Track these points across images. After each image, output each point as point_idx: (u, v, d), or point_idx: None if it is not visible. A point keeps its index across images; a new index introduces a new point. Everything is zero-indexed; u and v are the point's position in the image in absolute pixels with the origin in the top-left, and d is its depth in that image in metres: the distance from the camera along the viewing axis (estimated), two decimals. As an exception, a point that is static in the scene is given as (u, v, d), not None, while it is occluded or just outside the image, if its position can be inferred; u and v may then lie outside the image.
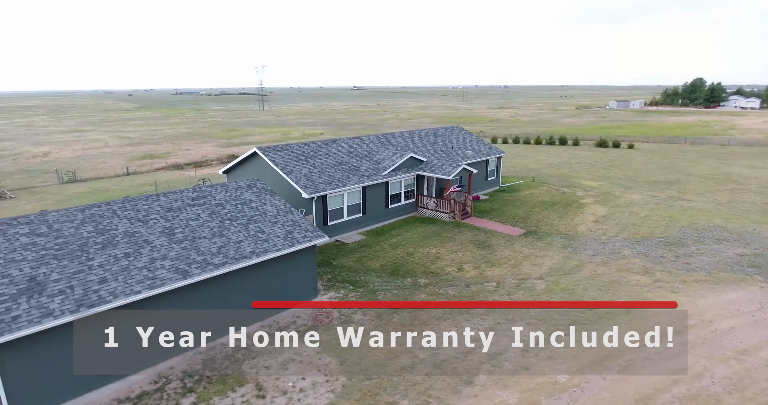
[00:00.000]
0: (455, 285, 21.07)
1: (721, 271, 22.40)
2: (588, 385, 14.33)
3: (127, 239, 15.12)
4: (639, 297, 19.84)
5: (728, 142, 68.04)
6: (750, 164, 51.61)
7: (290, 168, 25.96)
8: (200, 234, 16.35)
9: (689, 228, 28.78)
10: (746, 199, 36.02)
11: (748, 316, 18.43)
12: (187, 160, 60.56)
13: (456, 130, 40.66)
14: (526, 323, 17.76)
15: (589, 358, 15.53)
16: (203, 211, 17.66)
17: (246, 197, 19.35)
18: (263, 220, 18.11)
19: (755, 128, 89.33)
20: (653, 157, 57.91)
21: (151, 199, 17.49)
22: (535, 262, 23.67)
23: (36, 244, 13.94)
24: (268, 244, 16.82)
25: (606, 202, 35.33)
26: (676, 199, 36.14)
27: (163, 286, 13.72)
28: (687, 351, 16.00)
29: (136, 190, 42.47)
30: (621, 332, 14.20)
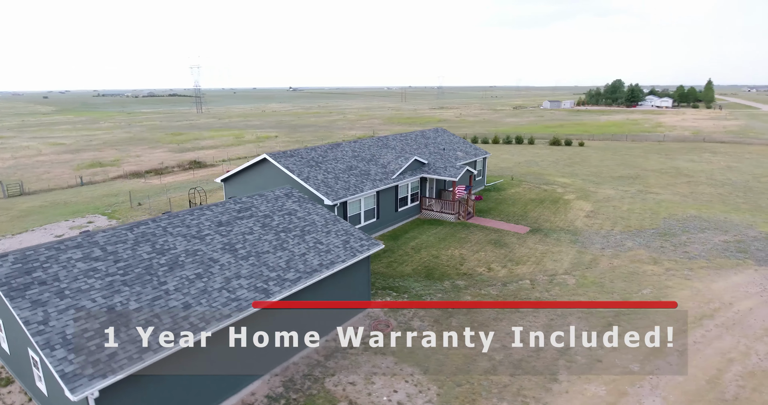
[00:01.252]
0: (493, 285, 21.49)
1: (717, 257, 24.69)
2: (659, 370, 15.26)
3: (191, 259, 13.92)
4: (661, 286, 21.35)
5: (663, 138, 74.81)
6: (690, 159, 57.12)
7: (306, 174, 25.11)
8: (262, 248, 15.42)
9: (671, 219, 31.38)
10: (703, 191, 39.87)
11: (758, 296, 20.48)
12: (143, 167, 56.38)
13: (440, 132, 41.32)
14: (577, 318, 18.53)
15: (649, 345, 16.52)
16: (254, 223, 16.66)
17: (289, 207, 18.50)
18: (316, 231, 17.41)
19: (679, 125, 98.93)
20: (605, 154, 62.33)
21: (196, 214, 16.21)
22: (554, 258, 24.71)
23: (97, 269, 12.46)
24: (331, 256, 16.21)
25: (587, 198, 37.57)
26: (645, 193, 39.21)
27: (248, 307, 12.81)
28: (725, 333, 17.50)
29: (102, 201, 38.94)
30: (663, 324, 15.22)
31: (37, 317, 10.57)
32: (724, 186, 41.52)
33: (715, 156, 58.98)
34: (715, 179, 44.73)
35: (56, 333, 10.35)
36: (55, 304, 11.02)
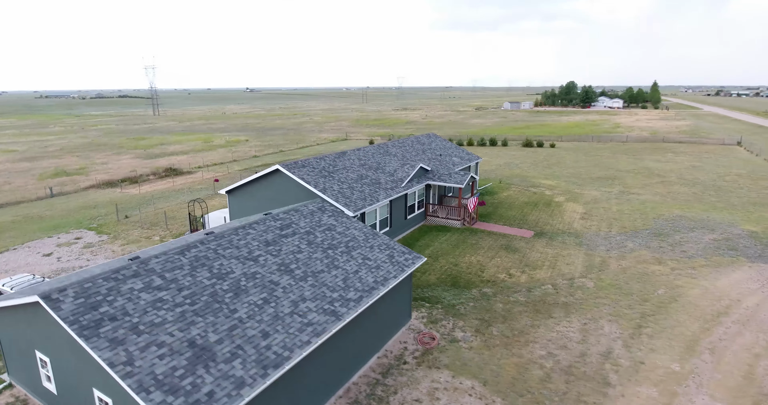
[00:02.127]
0: (518, 291, 21.98)
1: (712, 255, 26.36)
2: (698, 369, 16.14)
3: (252, 282, 13.43)
4: (672, 286, 22.56)
5: (626, 139, 78.80)
6: (656, 159, 60.51)
7: (322, 185, 24.70)
8: (316, 267, 15.08)
9: (660, 219, 33.17)
10: (679, 191, 42.38)
11: (760, 292, 22.04)
12: (114, 175, 53.47)
13: (433, 137, 41.74)
14: (607, 321, 19.29)
15: (681, 345, 17.46)
16: (299, 241, 16.26)
17: (327, 222, 18.17)
18: (360, 246, 17.21)
19: (636, 126, 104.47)
20: (577, 155, 64.94)
21: (241, 233, 15.64)
22: (566, 261, 25.56)
23: (164, 300, 11.79)
24: (382, 272, 16.08)
25: (576, 200, 39.06)
26: (628, 194, 41.22)
27: (325, 332, 12.51)
28: (744, 329, 18.74)
29: (81, 214, 36.63)
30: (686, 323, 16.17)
31: (121, 357, 9.89)
32: (695, 185, 44.29)
33: (678, 156, 62.78)
34: (685, 179, 47.62)
35: (146, 373, 9.72)
36: (134, 342, 10.34)
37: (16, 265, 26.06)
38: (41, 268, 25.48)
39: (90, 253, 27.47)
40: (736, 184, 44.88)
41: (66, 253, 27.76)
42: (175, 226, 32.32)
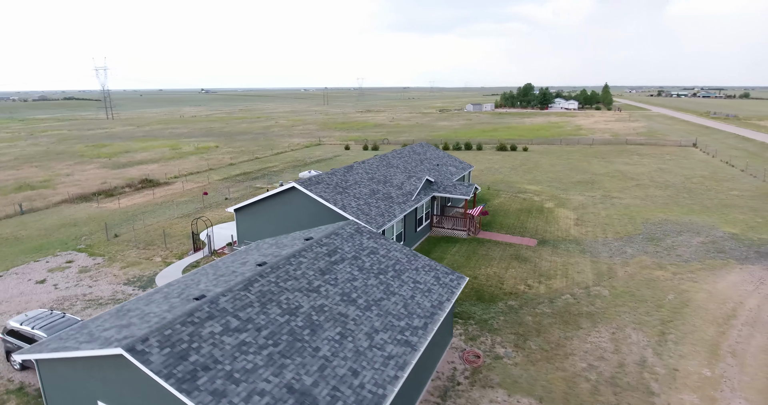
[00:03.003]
0: (541, 302, 22.69)
1: (705, 258, 28.20)
2: (727, 373, 17.29)
3: (323, 316, 13.23)
4: (679, 290, 23.96)
5: (592, 142, 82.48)
6: (624, 161, 63.77)
7: (340, 203, 24.50)
8: (375, 295, 15.02)
9: (648, 223, 35.07)
10: (655, 194, 44.92)
11: (756, 293, 23.82)
12: (85, 188, 50.55)
13: (426, 146, 42.18)
14: (632, 329, 20.28)
15: (704, 349, 18.64)
16: (350, 267, 16.13)
17: (368, 245, 18.10)
18: (407, 269, 17.26)
19: (597, 128, 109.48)
20: (551, 158, 67.37)
21: (294, 262, 15.34)
22: (576, 270, 26.60)
23: (247, 343, 11.42)
24: (434, 295, 16.21)
25: (564, 205, 40.61)
26: (610, 198, 43.27)
27: (407, 365, 12.50)
28: (755, 331, 20.22)
29: (63, 233, 34.44)
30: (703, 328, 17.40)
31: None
32: (668, 188, 47.07)
33: (643, 158, 66.42)
34: (657, 181, 50.50)
35: (259, 425, 9.42)
36: (236, 392, 9.98)
37: (8, 295, 24.21)
38: (39, 297, 23.82)
39: (89, 279, 25.92)
40: (703, 186, 48.06)
41: (61, 279, 26.05)
42: (173, 245, 31.00)
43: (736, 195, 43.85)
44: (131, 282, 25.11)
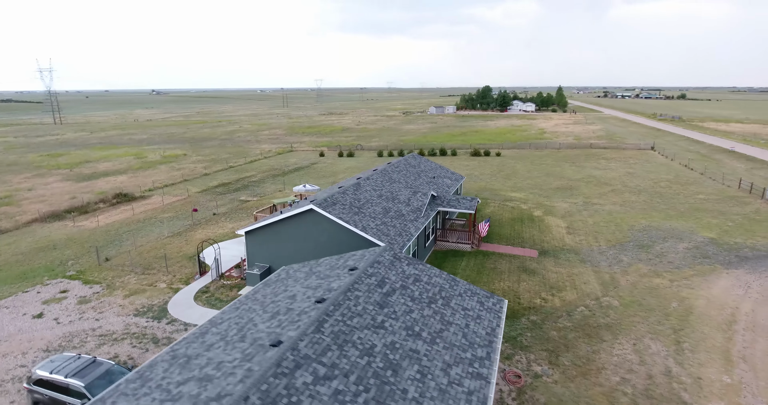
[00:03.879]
0: (560, 316, 23.60)
1: (694, 264, 30.20)
2: (744, 380, 18.69)
3: (398, 354, 13.27)
4: (680, 298, 25.56)
5: (559, 146, 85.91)
6: (594, 166, 66.92)
7: (360, 224, 24.44)
8: (434, 326, 15.20)
9: (634, 230, 37.08)
10: (631, 199, 47.47)
11: (747, 298, 25.80)
12: (54, 205, 47.46)
13: (418, 158, 42.63)
14: (649, 339, 21.50)
15: (718, 356, 20.05)
16: (402, 298, 16.22)
17: (410, 272, 18.23)
18: (452, 295, 17.54)
19: (559, 131, 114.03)
20: (525, 164, 69.63)
21: (351, 297, 15.26)
22: (582, 281, 27.81)
23: (341, 391, 11.29)
24: (485, 321, 16.57)
25: (552, 213, 42.22)
26: (591, 205, 45.36)
27: (486, 399, 12.74)
28: (756, 336, 21.95)
29: (44, 258, 32.29)
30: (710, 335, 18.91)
31: (347, 464, 9.45)
32: (641, 193, 49.86)
33: (609, 162, 69.94)
34: (629, 186, 53.38)
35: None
36: (349, 443, 9.91)
37: (4, 333, 22.48)
38: (42, 334, 22.28)
39: (93, 311, 24.49)
40: (671, 190, 51.26)
41: (61, 312, 24.46)
42: (174, 268, 29.77)
43: (703, 199, 47.09)
44: (142, 313, 23.94)
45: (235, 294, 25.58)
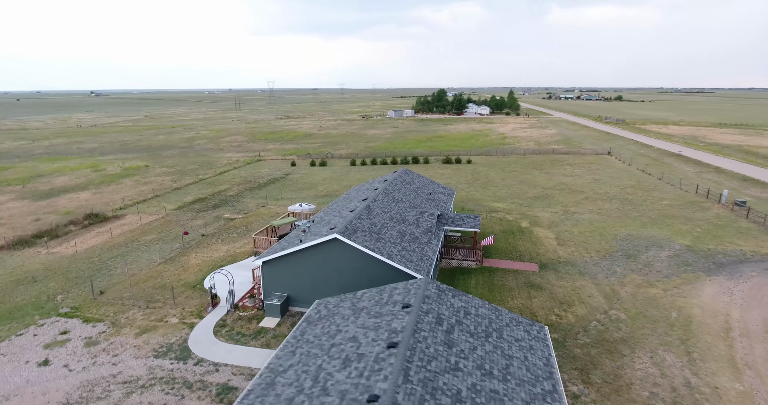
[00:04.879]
0: (578, 332, 24.87)
1: (680, 273, 32.64)
2: (753, 386, 20.59)
3: (483, 397, 13.64)
4: (677, 307, 27.62)
5: (524, 152, 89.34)
6: (561, 173, 70.21)
7: (386, 252, 24.56)
8: (500, 362, 15.71)
9: (618, 240, 39.44)
10: (605, 207, 50.34)
11: (733, 304, 28.28)
12: (16, 228, 43.93)
13: (410, 174, 43.12)
14: (663, 351, 23.14)
15: (726, 365, 21.94)
16: (463, 335, 16.63)
17: (458, 305, 18.67)
18: (502, 326, 18.13)
19: (518, 136, 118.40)
20: (496, 172, 71.85)
21: (422, 340, 15.48)
22: (587, 294, 29.36)
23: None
24: (537, 352, 17.28)
25: (538, 224, 44.05)
26: (571, 214, 47.70)
27: (568, 432, 13.43)
28: (751, 342, 24.16)
29: (27, 293, 30.04)
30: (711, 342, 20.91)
31: None
32: (612, 201, 52.97)
33: (574, 168, 73.65)
34: (599, 193, 56.54)
35: None
36: None
37: (11, 387, 20.71)
38: (55, 385, 20.75)
39: (106, 354, 23.07)
40: (637, 196, 54.84)
41: (69, 357, 22.84)
42: (181, 299, 28.52)
43: (668, 205, 50.77)
44: (162, 353, 22.84)
45: (256, 326, 24.97)
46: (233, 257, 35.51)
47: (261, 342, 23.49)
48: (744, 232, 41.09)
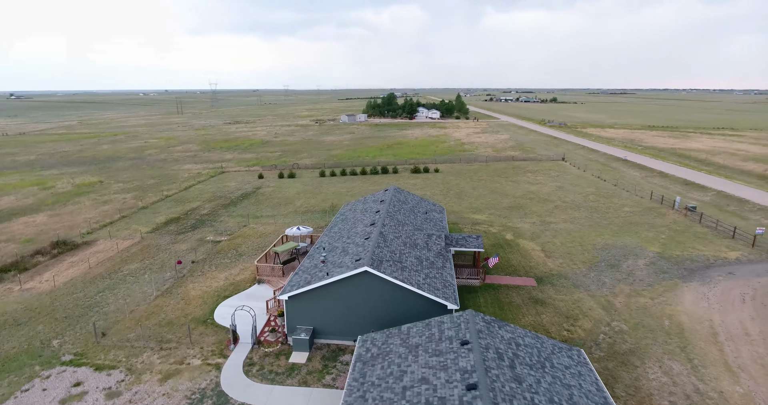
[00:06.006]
0: (590, 346, 26.79)
1: (660, 281, 35.80)
2: (751, 388, 23.30)
3: (565, 431, 14.74)
4: (666, 315, 30.39)
5: (486, 160, 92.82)
6: (526, 180, 73.79)
7: (414, 282, 25.18)
8: (563, 393, 16.87)
9: (597, 250, 42.40)
10: (575, 215, 53.76)
11: (711, 309, 31.52)
12: (-23, 264, 39.90)
13: (402, 192, 43.86)
14: (668, 359, 25.51)
15: (722, 369, 24.60)
16: (525, 368, 17.66)
17: (505, 336, 19.68)
18: (548, 354, 19.36)
19: (474, 142, 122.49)
20: (465, 180, 74.21)
21: (492, 376, 16.33)
22: (587, 307, 31.55)
23: None
24: (585, 376, 18.67)
25: (521, 236, 46.34)
26: (547, 224, 50.53)
27: (642, 458, 14.81)
28: (736, 345, 27.17)
29: (13, 340, 27.73)
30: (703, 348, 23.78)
31: None
32: (579, 209, 56.58)
33: (536, 176, 77.62)
34: (566, 201, 60.18)
35: None
36: None
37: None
38: (88, 444, 19.55)
39: None
40: (600, 203, 58.96)
41: (92, 410, 21.54)
42: (195, 337, 27.46)
43: (629, 211, 55.07)
44: (197, 401, 22.05)
45: (286, 363, 24.71)
46: (234, 286, 34.60)
47: (297, 380, 23.35)
48: (701, 237, 45.59)
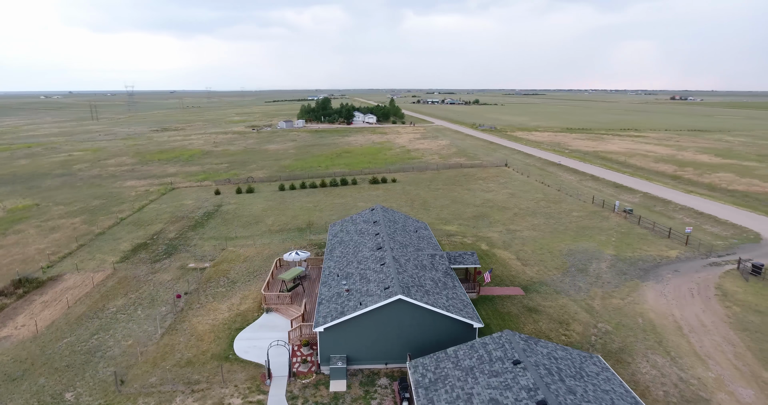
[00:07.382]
0: (588, 348, 30.55)
1: (623, 282, 40.97)
2: (720, 373, 28.13)
3: (623, 433, 17.66)
4: (638, 314, 35.20)
5: (437, 168, 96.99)
6: (481, 188, 78.55)
7: (441, 304, 27.24)
8: (606, 399, 19.90)
9: (564, 256, 47.16)
10: (534, 222, 58.81)
11: (671, 305, 36.93)
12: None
13: (387, 210, 45.64)
14: (659, 357, 29.88)
15: (695, 360, 29.36)
16: (570, 380, 20.46)
17: (540, 350, 22.40)
18: (579, 365, 22.38)
19: (419, 148, 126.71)
20: (424, 190, 77.37)
21: (552, 390, 18.89)
22: (573, 311, 35.58)
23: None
24: (612, 381, 21.89)
25: (494, 246, 50.15)
26: (513, 232, 54.92)
27: (681, 447, 18.16)
28: (699, 337, 32.35)
29: (17, 396, 25.94)
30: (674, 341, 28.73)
31: None
32: (536, 216, 61.86)
33: (487, 183, 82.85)
34: (522, 208, 65.38)
35: None
36: None
37: None
38: None
39: (189, 452, 21.87)
40: (551, 209, 64.82)
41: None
42: (225, 376, 27.38)
43: (578, 216, 61.27)
44: (254, 439, 22.49)
45: (328, 392, 25.68)
46: (242, 317, 34.49)
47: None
48: (644, 238, 52.28)
